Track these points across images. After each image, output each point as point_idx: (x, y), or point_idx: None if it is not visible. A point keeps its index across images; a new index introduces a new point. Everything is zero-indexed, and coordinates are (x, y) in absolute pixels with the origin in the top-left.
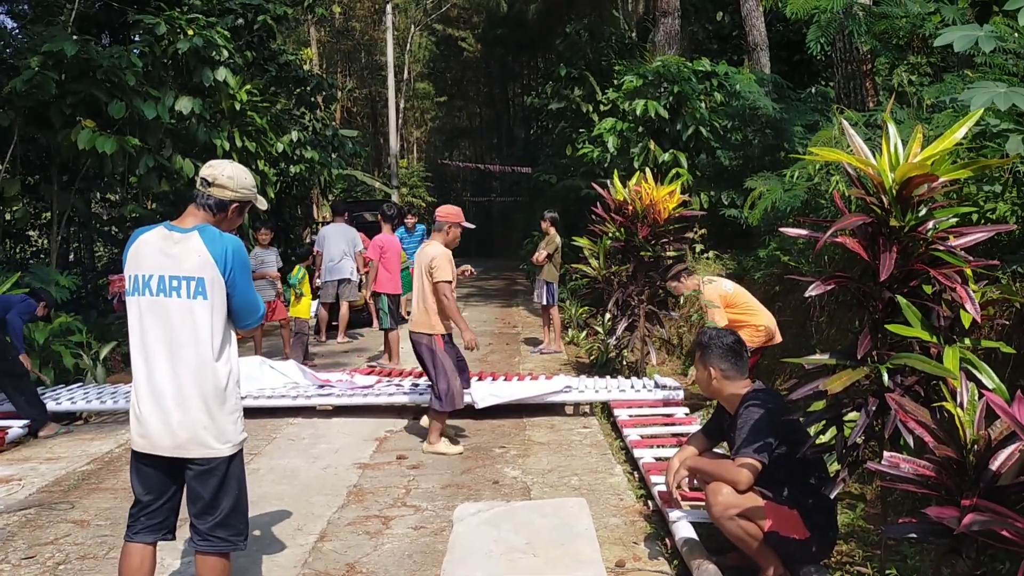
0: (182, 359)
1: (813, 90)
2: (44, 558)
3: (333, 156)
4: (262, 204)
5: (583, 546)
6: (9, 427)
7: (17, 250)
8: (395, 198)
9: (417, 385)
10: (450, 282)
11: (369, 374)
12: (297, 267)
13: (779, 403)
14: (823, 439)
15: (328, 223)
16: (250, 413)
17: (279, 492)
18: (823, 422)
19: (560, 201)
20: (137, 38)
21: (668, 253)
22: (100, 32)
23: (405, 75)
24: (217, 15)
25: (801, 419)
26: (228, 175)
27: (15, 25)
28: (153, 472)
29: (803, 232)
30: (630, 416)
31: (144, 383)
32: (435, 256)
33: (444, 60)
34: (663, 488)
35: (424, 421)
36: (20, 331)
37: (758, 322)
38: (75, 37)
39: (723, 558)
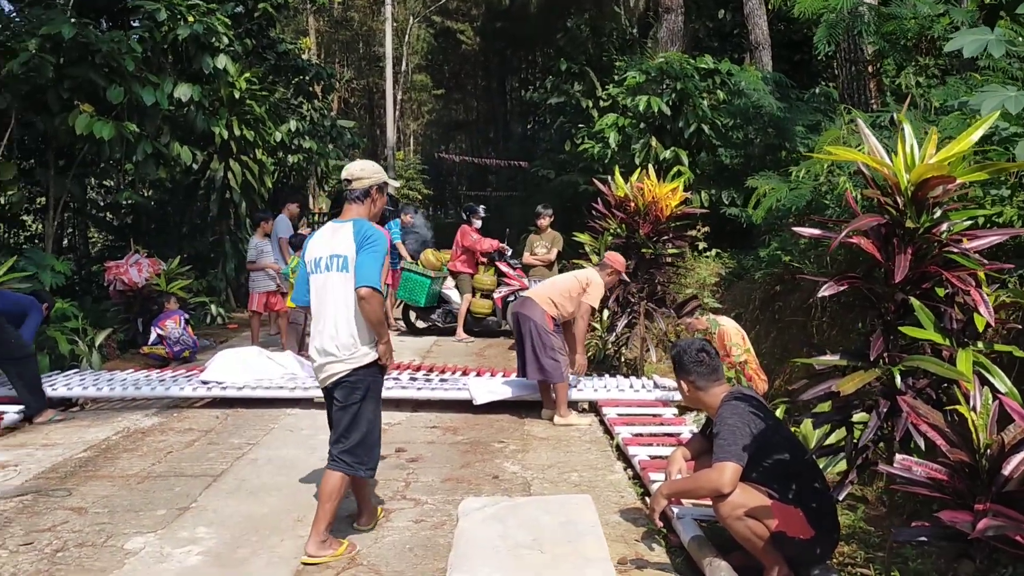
0: (331, 315)
1: (816, 90)
2: (42, 545)
3: (331, 146)
4: (393, 183)
5: (590, 543)
6: (4, 412)
7: (11, 235)
8: (391, 190)
9: (415, 379)
10: (595, 311)
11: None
12: (293, 257)
13: (756, 404)
14: (831, 440)
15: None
16: (249, 403)
17: (278, 483)
18: (829, 424)
19: (557, 196)
20: (136, 23)
21: (669, 251)
22: (99, 17)
23: (403, 67)
24: (217, 2)
25: (811, 420)
26: (359, 168)
27: (12, 8)
28: (329, 408)
29: (815, 232)
30: (619, 415)
31: (313, 336)
32: (595, 283)
33: (442, 52)
34: None
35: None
36: (33, 333)
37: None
38: (73, 20)
39: (727, 557)
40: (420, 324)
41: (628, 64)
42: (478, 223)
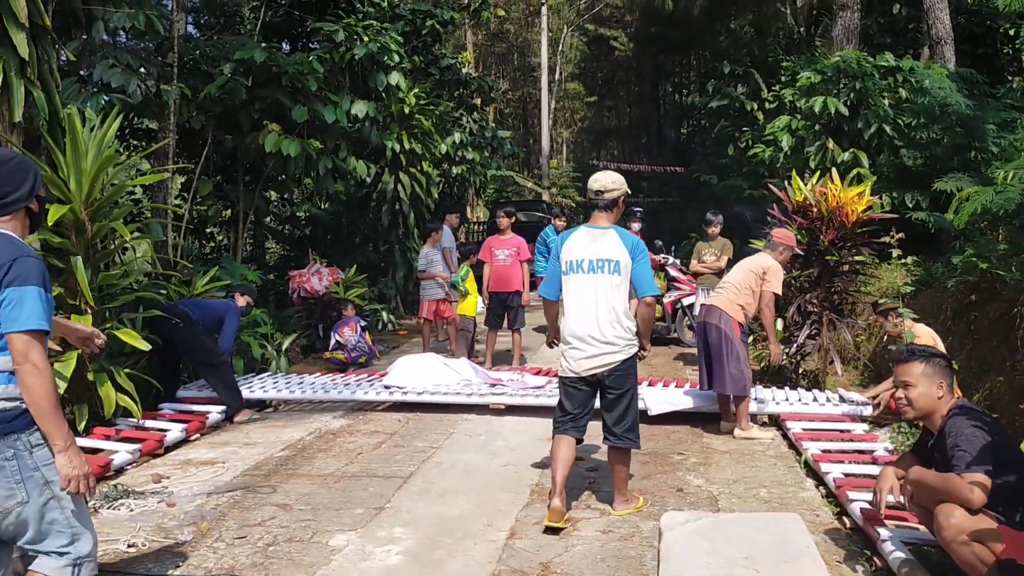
0: (604, 313)
1: (1013, 84)
2: (254, 539)
3: (490, 157)
4: (627, 190)
5: (808, 565)
6: (209, 412)
7: (200, 246)
8: (545, 197)
9: None
10: (777, 295)
11: (538, 374)
12: (462, 266)
13: (986, 419)
14: None
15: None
16: (427, 408)
17: (464, 487)
18: None
19: (718, 202)
20: (315, 45)
21: (856, 258)
22: (281, 40)
23: (556, 76)
24: (390, 21)
25: None
26: (610, 180)
27: (199, 35)
28: (579, 393)
29: None
30: (804, 430)
31: (578, 330)
32: (772, 268)
33: (595, 60)
34: (864, 505)
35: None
36: (232, 337)
37: None
38: (264, 45)
39: None
40: None
41: (796, 64)
42: (636, 226)
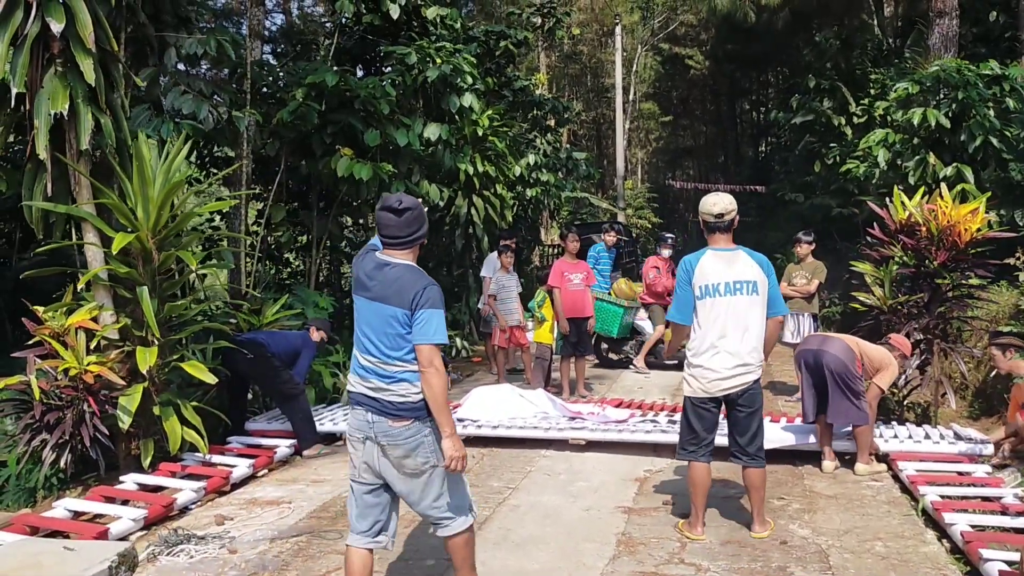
0: (746, 333)
1: None
2: None
3: (564, 178)
4: None
5: None
6: (277, 447)
7: (276, 272)
8: (621, 219)
9: (674, 422)
10: (883, 391)
11: (619, 406)
12: (539, 291)
13: None
14: None
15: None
16: (502, 442)
17: (544, 534)
18: None
19: (804, 221)
20: (388, 68)
21: (971, 281)
22: (354, 64)
23: (631, 96)
24: (463, 43)
25: None
26: (728, 201)
27: (275, 64)
28: (709, 414)
29: None
30: (917, 471)
31: (716, 352)
32: (893, 367)
33: (669, 79)
34: (1002, 566)
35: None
36: (307, 369)
37: None
38: (336, 69)
39: None
40: (612, 356)
41: (887, 76)
42: (666, 253)
